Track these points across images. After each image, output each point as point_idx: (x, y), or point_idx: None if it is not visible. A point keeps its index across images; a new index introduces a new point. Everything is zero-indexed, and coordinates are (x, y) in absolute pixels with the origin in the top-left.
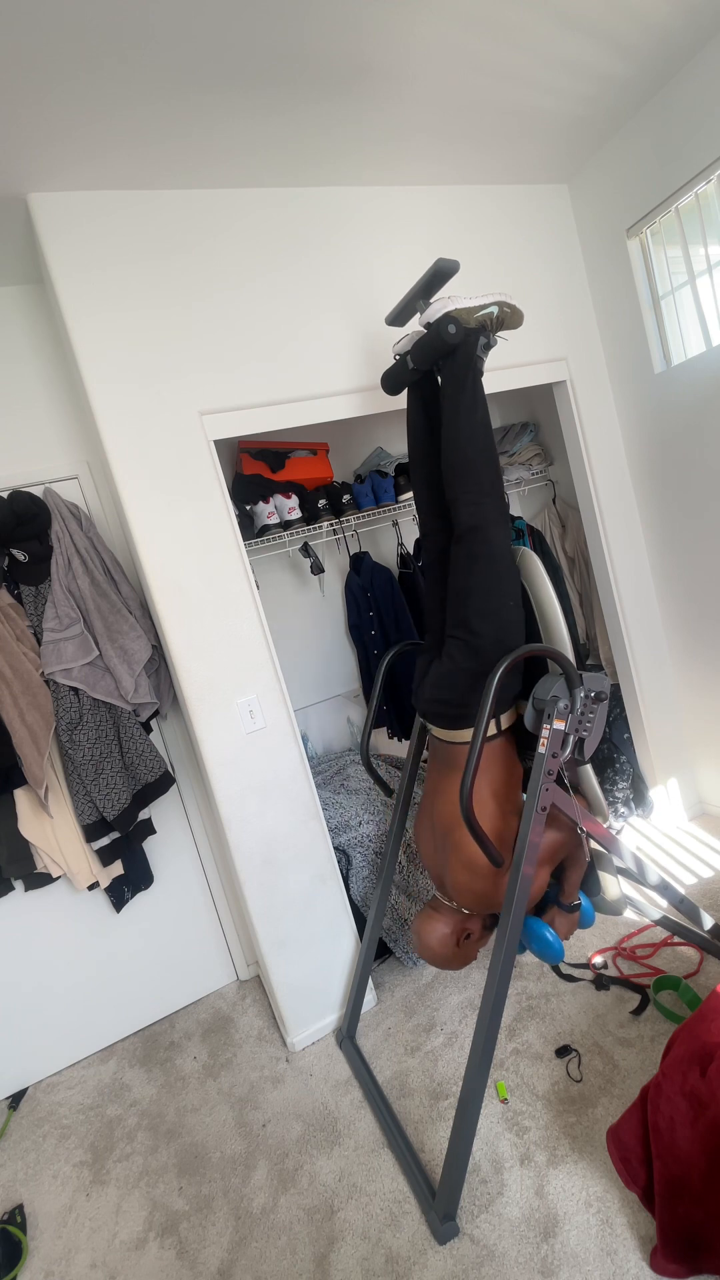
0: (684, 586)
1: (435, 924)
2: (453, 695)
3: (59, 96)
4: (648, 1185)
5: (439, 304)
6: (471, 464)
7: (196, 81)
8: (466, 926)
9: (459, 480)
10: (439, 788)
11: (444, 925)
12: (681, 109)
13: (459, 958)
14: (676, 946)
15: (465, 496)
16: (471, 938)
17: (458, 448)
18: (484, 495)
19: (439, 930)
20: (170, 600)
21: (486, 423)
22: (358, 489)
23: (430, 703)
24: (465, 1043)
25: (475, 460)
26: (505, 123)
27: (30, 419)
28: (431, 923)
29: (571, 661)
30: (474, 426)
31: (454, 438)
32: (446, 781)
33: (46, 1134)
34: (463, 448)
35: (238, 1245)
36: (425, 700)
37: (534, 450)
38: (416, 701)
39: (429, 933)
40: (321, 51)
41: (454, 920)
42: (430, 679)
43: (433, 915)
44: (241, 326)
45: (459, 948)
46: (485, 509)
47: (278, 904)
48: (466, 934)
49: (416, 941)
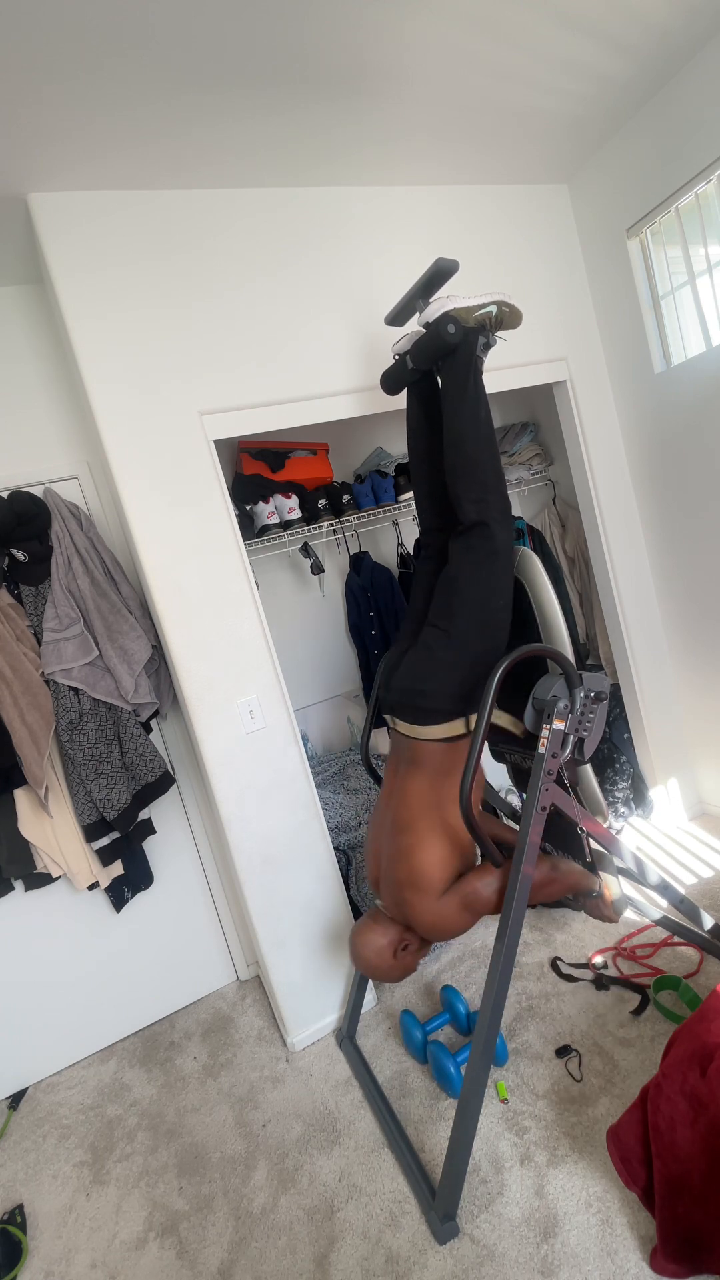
0: (684, 586)
1: (371, 935)
2: (425, 687)
3: (59, 96)
4: (648, 1185)
5: (438, 303)
6: (475, 462)
7: (196, 81)
8: (404, 938)
9: (462, 478)
10: (399, 789)
11: (380, 936)
12: (681, 109)
13: (397, 969)
14: (676, 946)
15: (469, 494)
16: (410, 948)
17: (461, 446)
18: (488, 492)
19: (375, 942)
20: (170, 600)
21: (489, 421)
22: (358, 489)
23: (400, 693)
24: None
25: (478, 458)
26: (505, 123)
27: (30, 419)
28: (367, 934)
29: (571, 661)
30: (477, 425)
31: (456, 437)
32: (409, 782)
33: (46, 1134)
34: (466, 446)
35: (238, 1245)
36: (395, 690)
37: (534, 450)
38: (384, 692)
39: (364, 944)
40: (321, 51)
41: (391, 931)
42: (403, 669)
43: (370, 926)
44: (242, 326)
45: (395, 959)
46: (490, 506)
47: (278, 904)
48: (404, 945)
49: (352, 953)
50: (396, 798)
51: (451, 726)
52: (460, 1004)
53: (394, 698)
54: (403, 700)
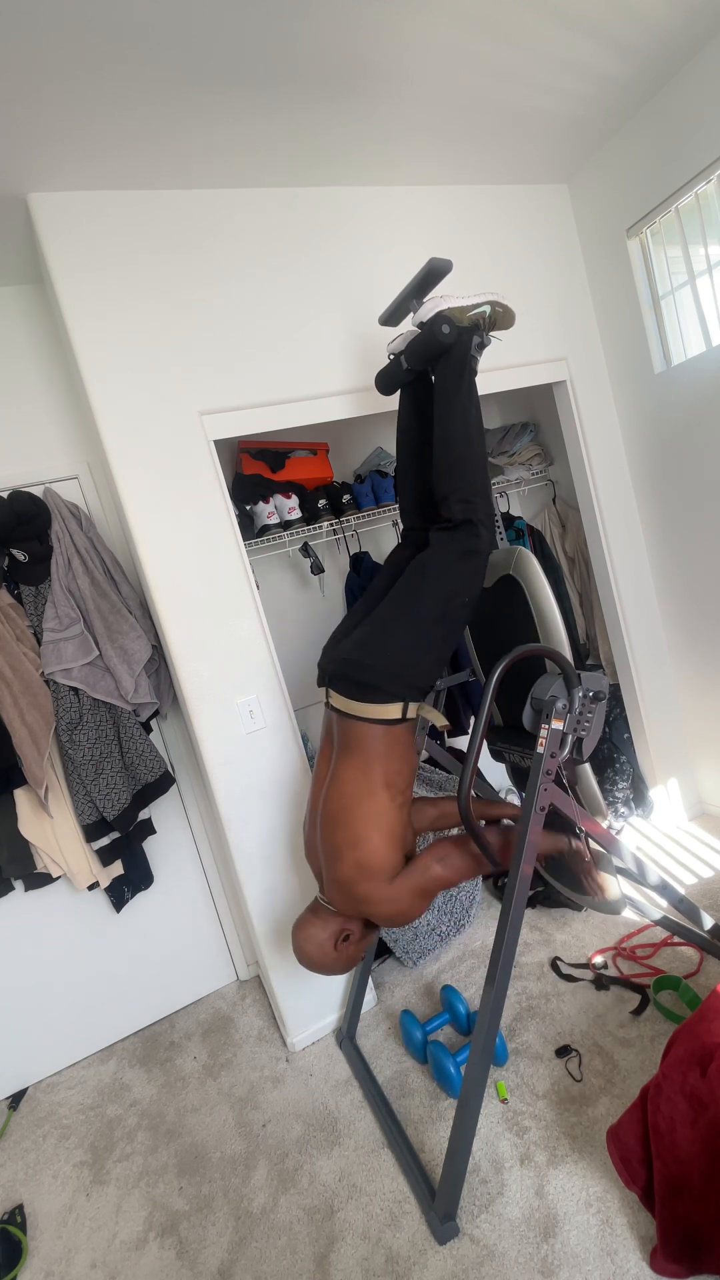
0: (684, 586)
1: (310, 929)
2: (370, 661)
3: (59, 96)
4: (648, 1185)
5: (432, 303)
6: (464, 463)
7: (196, 81)
8: (345, 928)
9: (450, 479)
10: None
11: (320, 930)
12: (681, 109)
13: (340, 961)
14: (676, 946)
15: (456, 494)
16: (351, 939)
17: (451, 447)
18: (475, 494)
19: (315, 936)
20: (170, 600)
21: (479, 423)
22: (358, 489)
23: (342, 663)
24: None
25: (468, 459)
26: (505, 123)
27: (30, 419)
28: (307, 929)
29: (570, 661)
30: (467, 426)
31: (446, 437)
32: (341, 769)
33: (46, 1134)
34: (456, 447)
35: (238, 1245)
36: (337, 660)
37: (534, 450)
38: (325, 661)
39: (304, 939)
40: (320, 51)
41: (331, 924)
42: (351, 640)
43: (309, 921)
44: (242, 326)
45: (337, 951)
46: (476, 508)
47: (278, 904)
48: (345, 935)
49: (294, 949)
50: (328, 787)
51: (388, 709)
52: (460, 1004)
53: (334, 667)
54: (343, 671)
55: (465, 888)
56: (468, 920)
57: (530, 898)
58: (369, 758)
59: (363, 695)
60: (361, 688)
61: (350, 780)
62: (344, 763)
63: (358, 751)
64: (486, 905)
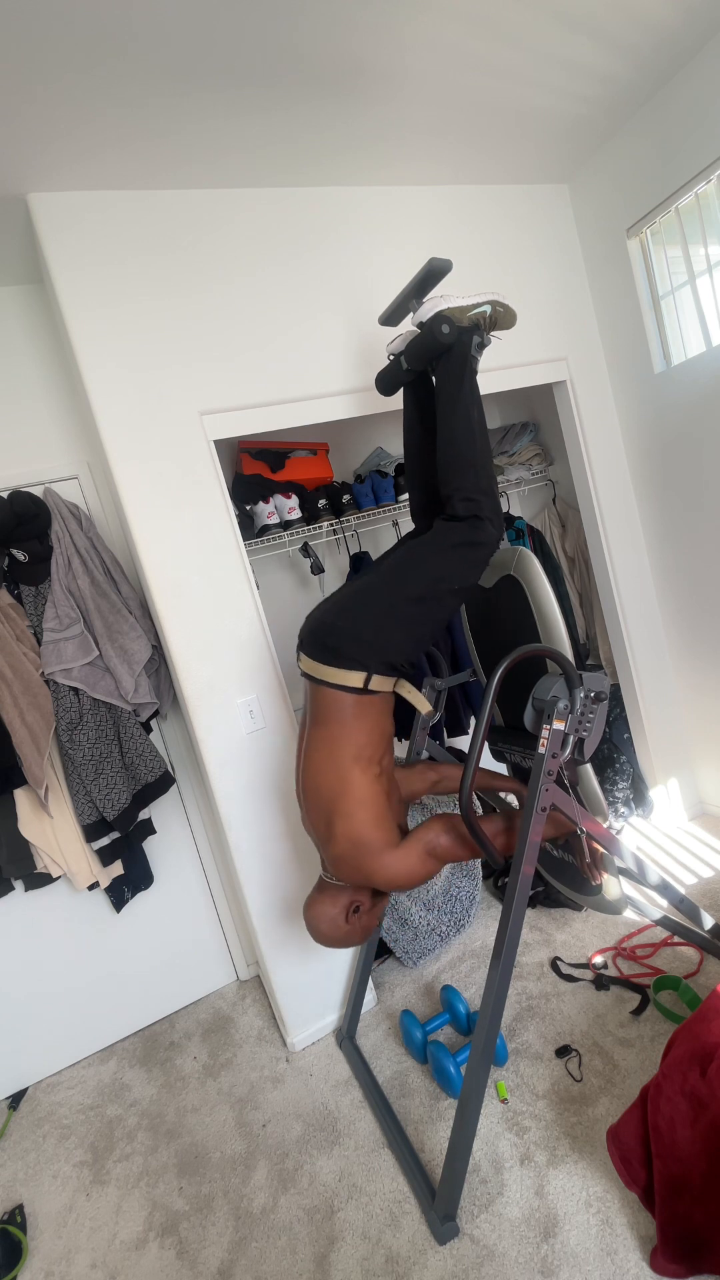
0: (684, 586)
1: (321, 907)
2: (341, 623)
3: (58, 96)
4: (648, 1185)
5: (431, 303)
6: (468, 462)
7: (195, 81)
8: (354, 899)
9: (455, 478)
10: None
11: (330, 906)
12: (682, 109)
13: (356, 933)
14: (676, 946)
15: (460, 494)
16: (362, 910)
17: (454, 447)
18: (480, 493)
19: (326, 913)
20: (170, 600)
21: (482, 422)
22: (358, 489)
23: (315, 623)
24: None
25: (472, 459)
26: (505, 123)
27: (30, 419)
28: (317, 907)
29: (571, 661)
30: (470, 425)
31: (450, 437)
32: (319, 741)
33: (46, 1134)
34: (459, 447)
35: (238, 1245)
36: (311, 621)
37: (534, 450)
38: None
39: (316, 918)
40: (319, 50)
41: (340, 898)
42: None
43: (318, 899)
44: (241, 326)
45: (349, 924)
46: (482, 506)
47: (278, 904)
48: (355, 907)
49: (309, 929)
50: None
51: (349, 675)
52: (460, 1004)
53: (307, 627)
54: (314, 631)
55: (465, 888)
56: (468, 920)
57: (530, 898)
58: (336, 731)
59: (327, 658)
60: (327, 650)
61: (320, 755)
62: (315, 735)
63: (326, 723)
64: (486, 905)
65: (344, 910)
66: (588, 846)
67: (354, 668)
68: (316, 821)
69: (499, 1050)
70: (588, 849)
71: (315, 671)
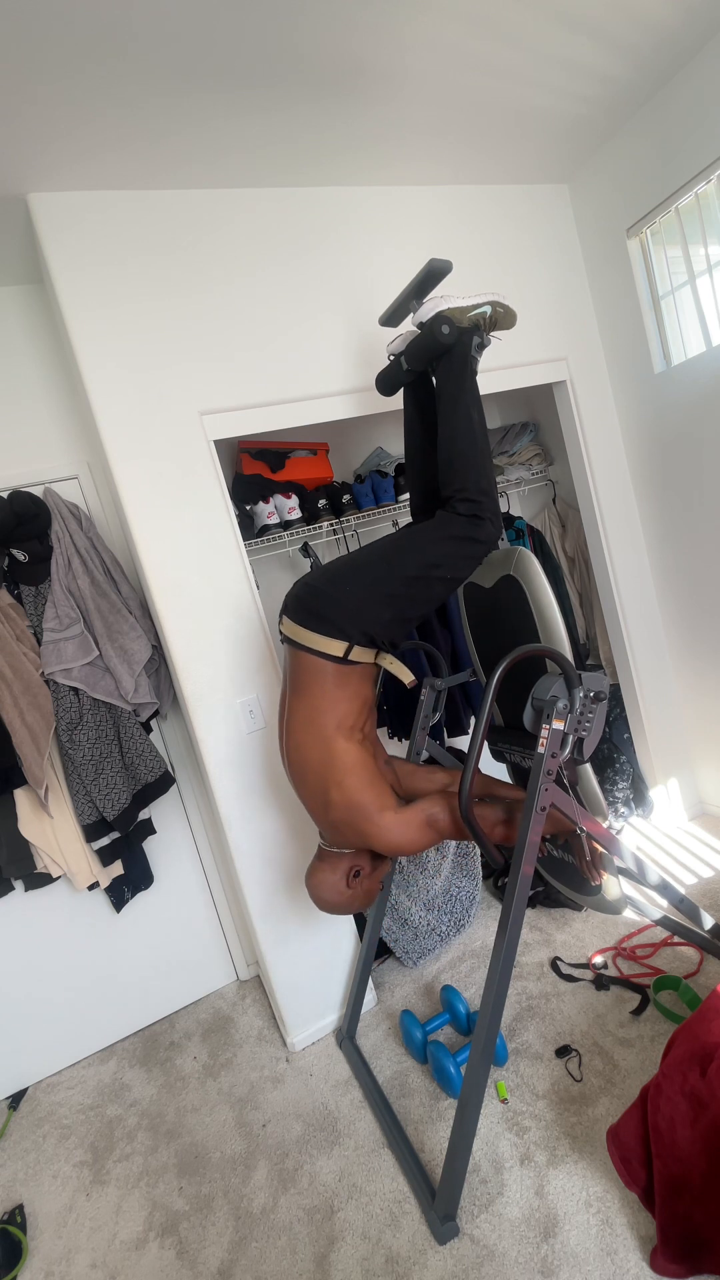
0: (684, 586)
1: (321, 875)
2: (329, 589)
3: (58, 96)
4: (648, 1185)
5: (431, 303)
6: (469, 463)
7: (195, 82)
8: (354, 864)
9: (455, 479)
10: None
11: (330, 873)
12: (681, 109)
13: (358, 898)
14: (676, 946)
15: (461, 494)
16: (362, 874)
17: (455, 447)
18: (480, 494)
19: (327, 880)
20: (170, 600)
21: (482, 422)
22: (358, 489)
23: (304, 586)
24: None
25: (472, 459)
26: (505, 123)
27: (31, 419)
28: (317, 875)
29: (570, 661)
30: (470, 426)
31: (450, 437)
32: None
33: (46, 1134)
34: (460, 447)
35: (238, 1245)
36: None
37: (534, 450)
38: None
39: (318, 885)
40: (319, 50)
41: (340, 864)
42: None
43: (318, 868)
44: (241, 326)
45: (350, 888)
46: (483, 506)
47: (278, 904)
48: (355, 871)
49: (312, 899)
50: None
51: (331, 643)
52: (460, 1004)
53: (294, 591)
54: (300, 596)
55: (465, 888)
56: (468, 920)
57: (530, 898)
58: (317, 700)
59: (310, 622)
60: (311, 615)
61: (302, 726)
62: (295, 704)
63: (307, 692)
64: (486, 905)
65: (345, 875)
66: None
67: (336, 636)
68: (309, 792)
69: (499, 1050)
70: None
71: (296, 635)
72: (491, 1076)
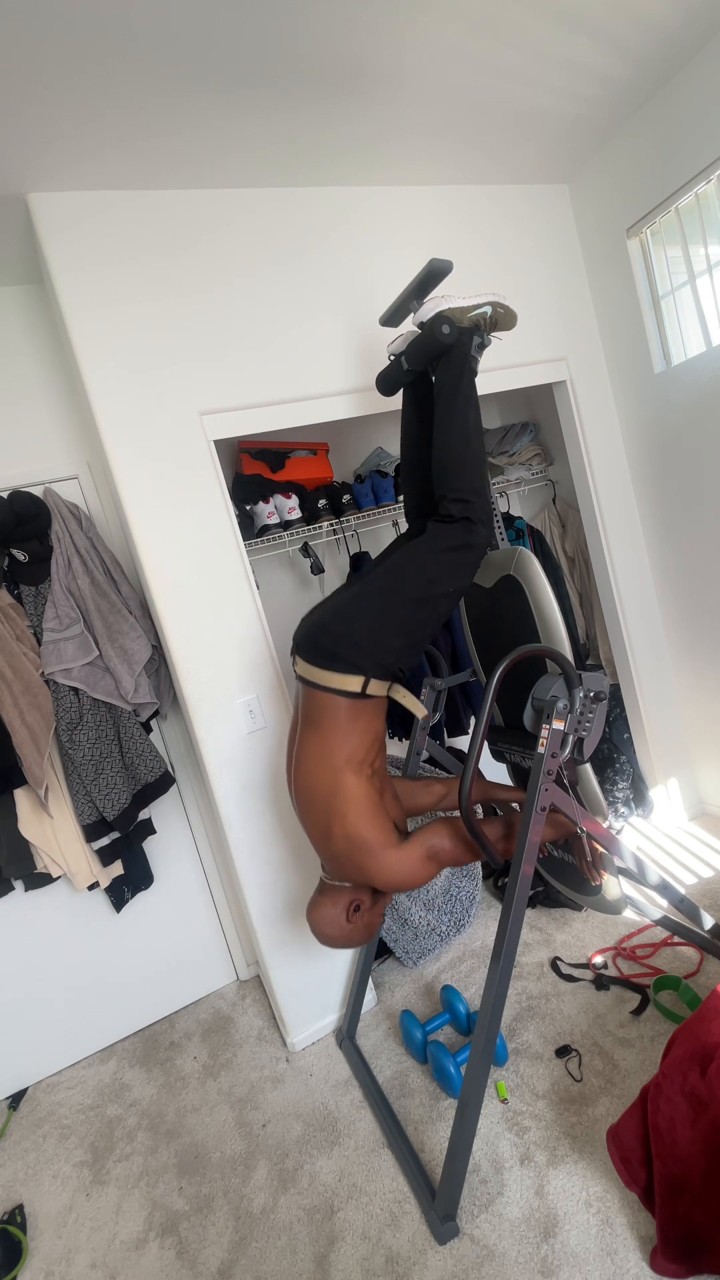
0: (684, 586)
1: (322, 909)
2: (339, 629)
3: (58, 96)
4: (648, 1185)
5: (432, 303)
6: (462, 463)
7: (194, 80)
8: (355, 898)
9: (448, 478)
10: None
11: (331, 907)
12: (682, 109)
13: (359, 932)
14: (676, 946)
15: (454, 494)
16: (363, 909)
17: (449, 447)
18: (474, 494)
19: (328, 914)
20: (170, 600)
21: (478, 424)
22: (358, 489)
23: (312, 627)
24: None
25: (466, 460)
26: (505, 123)
27: (31, 419)
28: (318, 909)
29: (570, 661)
30: (466, 427)
31: (446, 437)
32: (310, 742)
33: (46, 1134)
34: (455, 447)
35: (238, 1245)
36: (308, 624)
37: (534, 450)
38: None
39: (318, 920)
40: (319, 50)
41: (341, 898)
42: (325, 606)
43: (319, 901)
44: (241, 326)
45: (350, 923)
46: (475, 507)
47: (278, 904)
48: (355, 906)
49: (313, 932)
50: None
51: (347, 679)
52: (460, 1004)
53: (301, 631)
54: (309, 635)
55: (465, 888)
56: (468, 920)
57: (530, 898)
58: (328, 733)
59: (324, 662)
60: (324, 654)
61: (312, 758)
62: (306, 737)
63: (319, 725)
64: (486, 905)
65: (345, 910)
66: (588, 846)
67: (351, 672)
68: (313, 822)
69: (499, 1050)
70: (588, 849)
71: (311, 676)
72: (491, 1076)
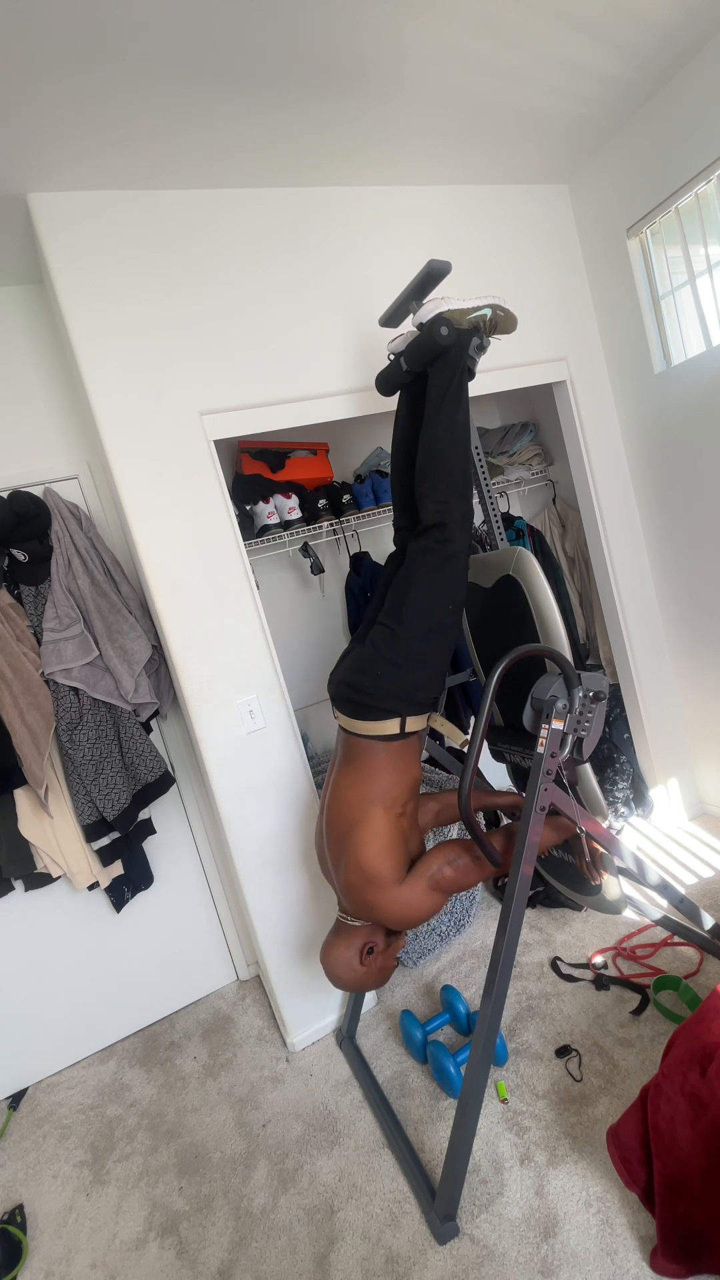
0: (684, 586)
1: (335, 951)
2: (364, 682)
3: (58, 96)
4: (648, 1185)
5: (431, 305)
6: (446, 464)
7: (194, 80)
8: (368, 940)
9: (430, 478)
10: (338, 783)
11: (344, 949)
12: (681, 109)
13: (372, 975)
14: (676, 946)
15: (434, 494)
16: (376, 950)
17: (435, 447)
18: (453, 495)
19: (341, 956)
20: (170, 600)
21: (466, 426)
22: (358, 489)
23: (340, 685)
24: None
25: (450, 461)
26: (505, 123)
27: (31, 419)
28: (332, 951)
29: (569, 661)
30: (453, 428)
31: (432, 437)
32: (347, 776)
33: (46, 1134)
34: (440, 447)
35: (238, 1245)
36: (336, 683)
37: (534, 450)
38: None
39: (331, 962)
40: (320, 50)
41: (354, 940)
42: (348, 661)
43: (333, 943)
44: (241, 326)
45: (363, 965)
46: (452, 509)
47: (278, 904)
48: (369, 948)
49: (326, 974)
50: (330, 798)
51: (385, 725)
52: (460, 1004)
53: (334, 689)
54: (341, 693)
55: None
56: (468, 920)
57: (530, 898)
58: (366, 772)
59: (361, 714)
60: (359, 708)
61: (346, 791)
62: (343, 773)
63: (357, 764)
64: (486, 905)
65: (358, 952)
66: (588, 846)
67: (387, 716)
68: (333, 851)
69: (499, 1050)
70: (588, 849)
71: (352, 727)
72: (491, 1076)
